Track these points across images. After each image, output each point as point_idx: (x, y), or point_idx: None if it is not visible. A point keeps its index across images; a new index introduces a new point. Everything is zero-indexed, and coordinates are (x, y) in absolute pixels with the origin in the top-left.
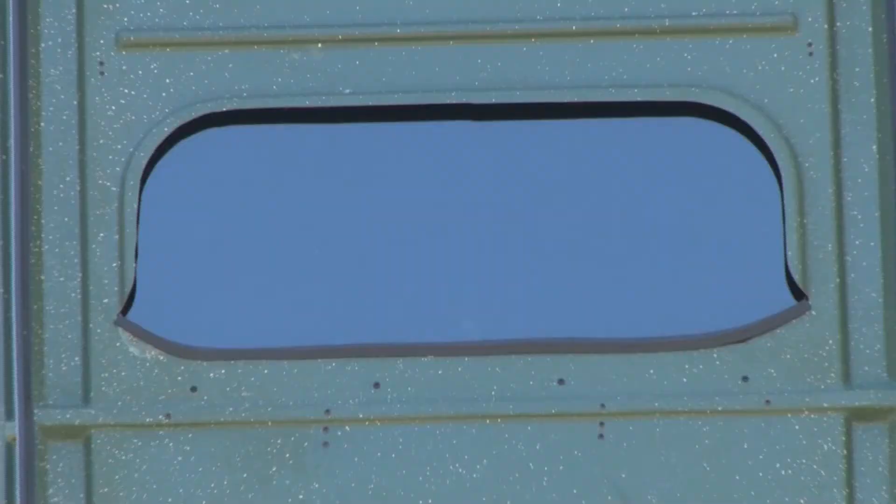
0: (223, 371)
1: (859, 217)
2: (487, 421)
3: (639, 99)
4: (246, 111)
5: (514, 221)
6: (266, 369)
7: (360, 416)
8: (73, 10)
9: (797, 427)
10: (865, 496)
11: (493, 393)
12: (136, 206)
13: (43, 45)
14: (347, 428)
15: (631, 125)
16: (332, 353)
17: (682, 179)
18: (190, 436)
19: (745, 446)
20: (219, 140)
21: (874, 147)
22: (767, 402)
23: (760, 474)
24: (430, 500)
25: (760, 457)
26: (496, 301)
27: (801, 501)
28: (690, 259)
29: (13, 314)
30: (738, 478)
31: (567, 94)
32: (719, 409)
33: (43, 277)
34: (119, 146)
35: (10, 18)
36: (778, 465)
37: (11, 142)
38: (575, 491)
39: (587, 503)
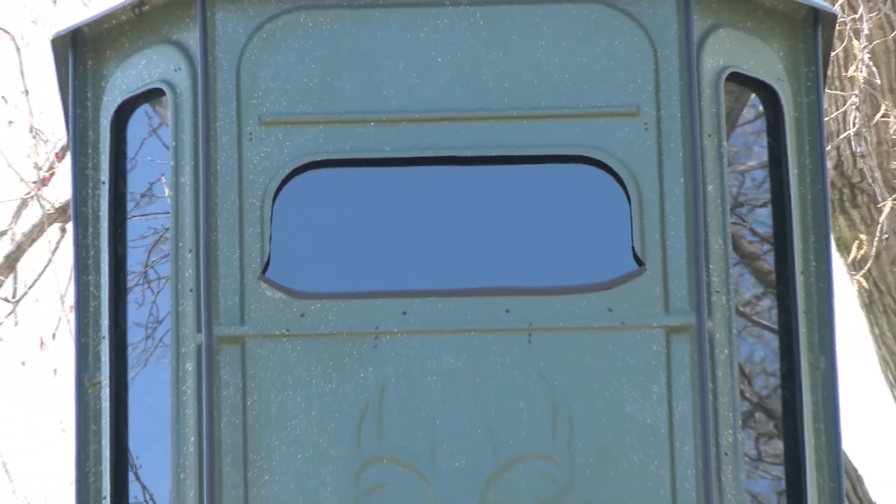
0: (318, 305)
1: (673, 220)
2: (466, 333)
3: (552, 153)
4: (330, 160)
5: (485, 218)
6: (343, 303)
7: (395, 330)
8: (235, 104)
9: (639, 338)
10: (676, 377)
11: (469, 317)
12: (269, 213)
13: (218, 123)
14: (388, 337)
15: (548, 168)
16: (379, 295)
17: (576, 200)
18: (300, 342)
19: (610, 348)
20: (316, 177)
21: (682, 180)
22: (622, 322)
23: (619, 354)
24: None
25: (618, 353)
26: (474, 265)
27: (641, 378)
28: (583, 243)
29: (201, 274)
30: (611, 347)
31: (512, 150)
32: (595, 326)
33: (218, 253)
34: (260, 180)
35: (200, 109)
36: (627, 357)
37: (201, 177)
38: (515, 372)
39: (521, 380)
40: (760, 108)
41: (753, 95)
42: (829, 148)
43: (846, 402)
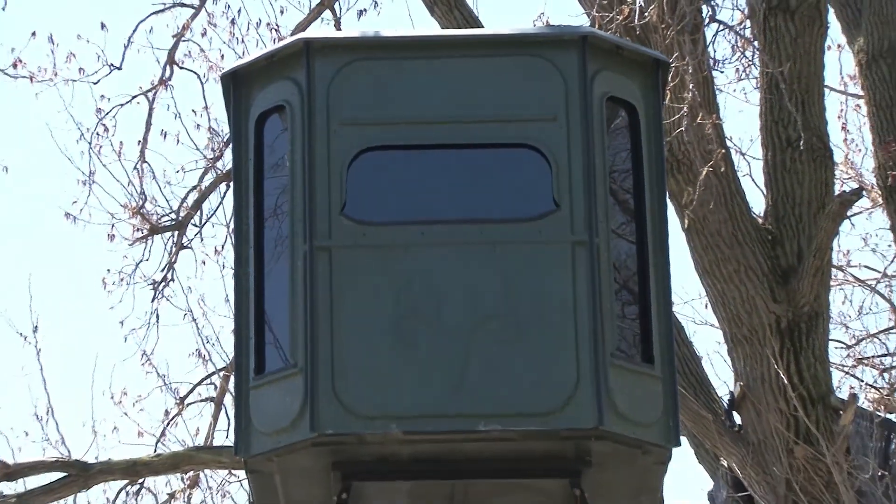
0: (373, 229)
1: (575, 180)
2: (458, 246)
3: (508, 142)
4: (381, 146)
5: (470, 179)
6: (386, 228)
7: (417, 243)
8: (326, 114)
9: (557, 248)
10: (578, 271)
11: (460, 236)
12: (346, 176)
13: (316, 124)
14: (413, 248)
15: (506, 151)
16: (408, 223)
17: (522, 169)
18: (362, 250)
19: (540, 254)
20: (372, 156)
21: (580, 157)
22: (547, 240)
23: (546, 258)
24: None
25: (545, 257)
26: (463, 205)
27: (558, 271)
28: (524, 193)
29: (306, 211)
30: (541, 254)
31: (484, 140)
32: (532, 241)
33: (317, 199)
34: (340, 157)
35: (306, 117)
36: (550, 259)
37: (306, 158)
38: (486, 268)
39: (490, 273)
40: (626, 116)
41: (622, 109)
42: (666, 139)
43: (675, 282)
